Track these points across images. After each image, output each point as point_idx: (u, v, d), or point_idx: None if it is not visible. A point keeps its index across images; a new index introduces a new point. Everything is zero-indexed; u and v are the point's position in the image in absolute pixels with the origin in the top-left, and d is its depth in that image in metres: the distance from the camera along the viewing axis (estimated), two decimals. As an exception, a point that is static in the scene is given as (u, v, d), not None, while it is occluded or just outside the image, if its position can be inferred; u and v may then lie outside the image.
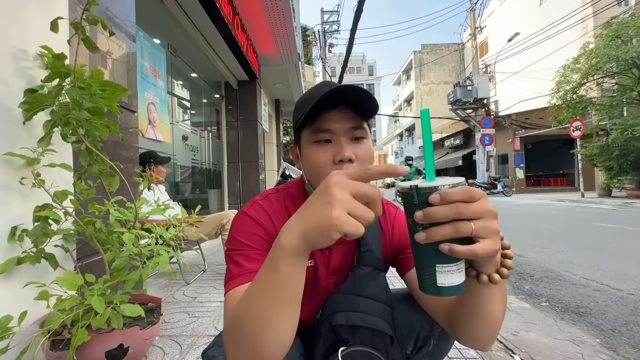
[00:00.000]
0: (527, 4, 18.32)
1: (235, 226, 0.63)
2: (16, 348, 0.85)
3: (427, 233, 0.38)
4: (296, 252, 0.39)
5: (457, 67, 25.15)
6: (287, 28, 4.27)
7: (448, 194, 0.37)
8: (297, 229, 0.39)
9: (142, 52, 2.61)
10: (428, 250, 0.40)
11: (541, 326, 1.77)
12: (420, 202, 0.38)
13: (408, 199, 0.40)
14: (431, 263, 0.40)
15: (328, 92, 0.55)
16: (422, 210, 0.38)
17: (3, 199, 0.97)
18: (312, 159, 0.60)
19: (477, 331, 0.52)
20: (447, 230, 0.37)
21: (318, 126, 0.59)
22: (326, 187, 0.37)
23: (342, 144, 0.58)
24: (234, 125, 5.39)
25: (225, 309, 0.52)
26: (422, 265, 0.41)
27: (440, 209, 0.37)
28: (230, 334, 0.46)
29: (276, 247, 0.40)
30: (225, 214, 2.32)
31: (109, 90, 1.05)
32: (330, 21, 16.43)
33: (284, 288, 0.41)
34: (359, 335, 0.60)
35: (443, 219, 0.37)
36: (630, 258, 3.08)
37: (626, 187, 10.41)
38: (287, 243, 0.39)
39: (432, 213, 0.37)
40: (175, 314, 1.77)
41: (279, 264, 0.40)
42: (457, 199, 0.37)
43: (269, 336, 0.42)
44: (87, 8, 1.02)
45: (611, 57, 10.01)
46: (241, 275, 0.55)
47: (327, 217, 0.35)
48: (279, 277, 0.40)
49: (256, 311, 0.42)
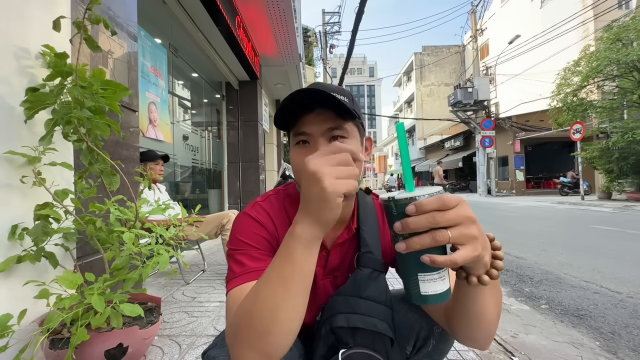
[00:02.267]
0: (528, 7, 18.35)
1: (237, 226, 0.63)
2: (15, 346, 0.85)
3: (406, 243, 0.39)
4: (310, 237, 0.43)
5: (457, 69, 25.16)
6: (288, 29, 4.28)
7: (423, 204, 0.38)
8: (305, 216, 0.43)
9: (143, 51, 2.61)
10: (410, 259, 0.41)
11: (541, 328, 1.76)
12: (398, 213, 0.40)
13: (388, 211, 0.41)
14: (414, 272, 0.41)
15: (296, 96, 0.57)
16: (400, 221, 0.39)
17: (4, 197, 0.97)
18: (294, 160, 0.62)
19: (472, 331, 0.53)
20: (426, 239, 0.38)
21: (297, 129, 0.61)
22: (307, 171, 0.42)
23: (319, 145, 0.59)
24: (234, 126, 5.39)
25: (228, 307, 0.52)
26: (405, 274, 0.43)
27: (416, 219, 0.38)
28: (238, 329, 0.46)
29: (290, 236, 0.44)
30: (225, 214, 2.32)
31: (110, 89, 1.06)
32: (331, 22, 16.46)
33: (296, 275, 0.43)
34: (359, 337, 0.60)
35: (420, 229, 0.38)
36: (630, 261, 3.08)
37: (626, 190, 10.40)
38: (300, 230, 0.43)
39: (409, 223, 0.38)
40: (175, 314, 1.77)
41: (294, 250, 0.43)
42: (432, 208, 0.38)
43: (280, 324, 0.43)
44: (89, 7, 1.02)
45: (612, 60, 10.01)
46: (244, 274, 0.55)
47: (322, 190, 0.40)
48: (292, 264, 0.43)
49: (268, 299, 0.44)
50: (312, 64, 13.60)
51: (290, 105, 0.58)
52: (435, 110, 27.32)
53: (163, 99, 2.94)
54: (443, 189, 0.42)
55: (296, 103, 0.58)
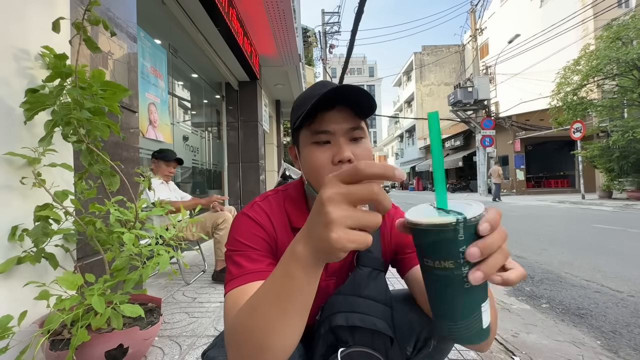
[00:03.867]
0: (527, 6, 18.34)
1: (235, 227, 0.63)
2: (16, 348, 0.85)
3: (482, 270, 0.32)
4: (312, 264, 0.38)
5: (457, 69, 25.16)
6: (287, 29, 4.28)
7: (496, 219, 0.32)
8: (309, 245, 0.37)
9: (143, 52, 2.61)
10: (475, 291, 0.33)
11: (542, 328, 1.76)
12: (466, 236, 0.32)
13: (444, 237, 0.32)
14: (478, 304, 0.34)
15: (326, 92, 0.54)
16: (477, 245, 0.31)
17: (4, 198, 0.97)
18: (311, 160, 0.60)
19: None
20: (499, 259, 0.33)
21: (317, 127, 0.59)
22: (321, 205, 0.34)
23: (341, 145, 0.58)
24: (234, 126, 5.39)
25: (226, 309, 0.52)
26: (468, 311, 0.34)
27: (495, 237, 0.32)
28: (234, 337, 0.45)
29: (292, 255, 0.39)
30: (220, 214, 2.32)
31: (110, 90, 1.06)
32: (331, 22, 16.46)
33: (295, 296, 0.39)
34: (359, 336, 0.60)
35: (495, 250, 0.33)
36: (631, 260, 3.08)
37: (627, 189, 10.38)
38: (303, 254, 0.38)
39: (488, 245, 0.32)
40: (175, 315, 1.77)
41: (294, 272, 0.38)
42: (499, 221, 0.34)
43: (276, 342, 0.41)
44: (88, 8, 1.03)
45: (612, 59, 10.00)
46: (241, 275, 0.55)
47: (328, 241, 0.33)
48: (291, 285, 0.39)
49: (263, 317, 0.41)
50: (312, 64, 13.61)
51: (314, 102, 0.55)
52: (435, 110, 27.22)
53: (163, 100, 2.94)
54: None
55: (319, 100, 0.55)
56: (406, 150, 35.66)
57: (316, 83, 0.66)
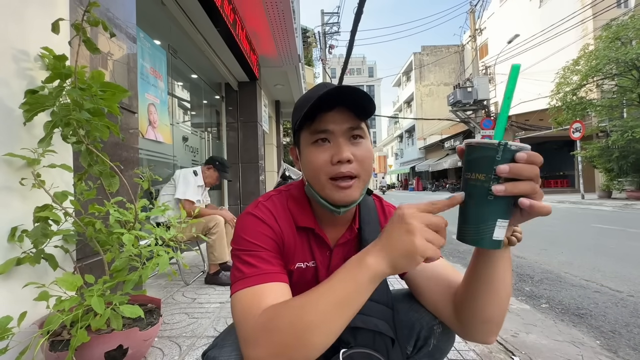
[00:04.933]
0: (526, 6, 18.35)
1: (242, 226, 0.62)
2: (16, 348, 0.85)
3: (506, 186, 0.41)
4: (381, 275, 0.45)
5: (457, 69, 25.18)
6: (287, 29, 4.28)
7: (534, 155, 0.41)
8: (385, 256, 0.44)
9: (142, 53, 2.61)
10: (495, 204, 0.42)
11: (541, 328, 1.76)
12: (503, 158, 0.41)
13: (487, 154, 0.42)
14: (494, 217, 0.43)
15: (325, 93, 0.55)
16: (509, 165, 0.41)
17: (3, 199, 0.97)
18: (311, 159, 0.60)
19: (488, 309, 0.54)
20: (526, 186, 0.41)
21: (316, 127, 0.59)
22: (403, 217, 0.44)
23: (341, 145, 0.58)
24: (234, 127, 5.39)
25: (243, 307, 0.52)
26: (482, 219, 0.43)
27: (527, 167, 0.40)
28: (269, 334, 0.46)
29: (362, 264, 0.46)
30: (212, 217, 2.30)
31: (109, 91, 1.06)
32: (330, 23, 16.45)
33: (354, 301, 0.45)
34: (360, 337, 0.60)
35: (526, 177, 0.41)
36: (631, 260, 3.08)
37: (626, 189, 10.40)
38: (375, 265, 0.45)
39: (520, 169, 0.40)
40: (175, 315, 1.77)
41: (360, 279, 0.45)
42: (538, 162, 0.41)
43: (321, 341, 0.45)
44: (88, 9, 1.03)
45: (611, 58, 10.02)
46: (256, 275, 0.55)
47: (411, 244, 0.42)
48: (354, 291, 0.45)
49: (318, 317, 0.45)
50: (312, 65, 13.60)
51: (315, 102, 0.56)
52: (435, 110, 27.33)
53: (162, 101, 2.94)
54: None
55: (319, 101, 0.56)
56: (406, 150, 35.69)
57: (317, 84, 0.66)
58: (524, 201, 0.41)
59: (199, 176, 2.50)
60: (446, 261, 0.66)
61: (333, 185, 0.59)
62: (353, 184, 0.59)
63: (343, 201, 0.59)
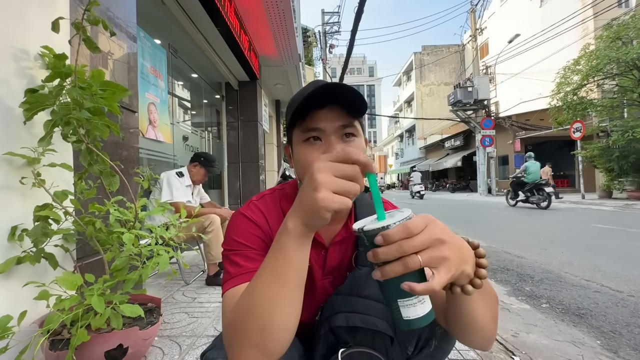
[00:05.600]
0: (527, 6, 18.33)
1: (232, 227, 0.63)
2: (16, 348, 0.85)
3: (381, 271, 0.39)
4: (301, 234, 0.44)
5: (457, 69, 25.15)
6: (287, 29, 4.27)
7: (389, 235, 0.38)
8: (298, 216, 0.43)
9: (142, 52, 2.61)
10: (389, 286, 0.41)
11: (541, 328, 1.76)
12: (370, 243, 0.40)
13: (361, 241, 0.42)
14: (394, 299, 0.41)
15: (314, 91, 0.55)
16: (372, 251, 0.39)
17: (3, 198, 0.97)
18: (302, 158, 0.60)
19: (469, 336, 0.54)
20: (398, 267, 0.38)
21: (307, 125, 0.59)
22: (310, 174, 0.42)
23: (332, 142, 0.58)
24: (234, 126, 5.39)
25: (224, 308, 0.52)
26: (387, 301, 0.43)
27: (385, 250, 0.38)
28: (235, 328, 0.46)
29: (283, 230, 0.45)
30: (207, 217, 2.30)
31: (109, 90, 1.06)
32: (330, 22, 16.45)
33: (290, 269, 0.44)
34: (359, 337, 0.60)
35: (390, 259, 0.38)
36: (631, 260, 3.08)
37: (627, 189, 10.38)
38: (292, 227, 0.44)
39: (378, 254, 0.39)
40: (175, 315, 1.77)
41: (286, 244, 0.44)
42: (400, 237, 0.38)
43: (278, 319, 0.44)
44: (88, 8, 1.02)
45: (611, 58, 10.00)
46: (239, 275, 0.55)
47: (314, 200, 0.40)
48: (285, 258, 0.44)
49: (263, 295, 0.44)
50: (312, 64, 13.59)
51: (304, 100, 0.56)
52: (435, 110, 27.31)
53: (163, 100, 2.94)
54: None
55: (310, 98, 0.56)
56: (406, 150, 35.67)
57: (311, 82, 0.66)
58: (403, 286, 0.38)
59: (185, 176, 2.47)
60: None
61: None
62: None
63: None
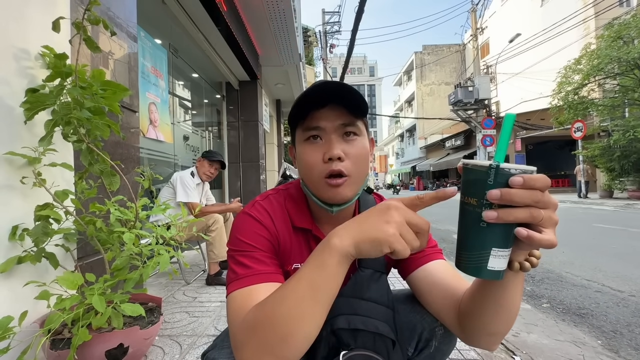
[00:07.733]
0: (528, 5, 18.29)
1: (238, 226, 0.62)
2: (17, 348, 0.85)
3: (499, 213, 0.37)
4: (346, 256, 0.43)
5: (458, 68, 25.13)
6: (288, 28, 4.27)
7: (532, 179, 0.36)
8: (351, 237, 0.43)
9: (143, 52, 2.61)
10: (492, 231, 0.39)
11: (542, 327, 1.76)
12: (496, 182, 0.37)
13: (478, 177, 0.38)
14: (488, 246, 0.39)
15: (314, 90, 0.56)
16: (501, 190, 0.37)
17: (4, 198, 0.97)
18: (304, 157, 0.60)
19: (494, 324, 0.52)
20: (522, 214, 0.37)
21: (308, 124, 0.59)
22: (386, 208, 0.42)
23: (332, 142, 0.58)
24: (234, 126, 5.39)
25: (232, 308, 0.52)
26: (476, 246, 0.40)
27: (521, 192, 0.36)
28: (252, 332, 0.46)
29: (327, 247, 0.44)
30: (211, 216, 2.31)
31: (110, 90, 1.05)
32: (331, 22, 16.43)
33: (327, 286, 0.44)
34: (361, 339, 0.60)
35: (521, 203, 0.37)
36: (632, 259, 3.07)
37: (628, 189, 10.37)
38: (340, 246, 0.43)
39: (512, 195, 0.36)
40: (176, 314, 1.77)
41: (328, 262, 0.43)
42: (538, 187, 0.36)
43: (303, 330, 0.44)
44: (88, 8, 1.02)
45: (613, 58, 9.98)
46: (249, 276, 0.54)
47: (384, 232, 0.40)
48: (324, 275, 0.43)
49: (295, 306, 0.44)
50: (312, 64, 13.59)
51: (304, 100, 0.57)
52: (436, 110, 27.30)
53: (163, 100, 2.94)
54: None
55: (309, 98, 0.57)
56: (407, 149, 35.65)
57: (315, 82, 0.66)
58: (520, 231, 0.37)
59: (195, 175, 2.53)
60: (453, 267, 0.66)
61: (325, 183, 0.58)
62: (343, 183, 0.58)
63: (333, 199, 0.59)
